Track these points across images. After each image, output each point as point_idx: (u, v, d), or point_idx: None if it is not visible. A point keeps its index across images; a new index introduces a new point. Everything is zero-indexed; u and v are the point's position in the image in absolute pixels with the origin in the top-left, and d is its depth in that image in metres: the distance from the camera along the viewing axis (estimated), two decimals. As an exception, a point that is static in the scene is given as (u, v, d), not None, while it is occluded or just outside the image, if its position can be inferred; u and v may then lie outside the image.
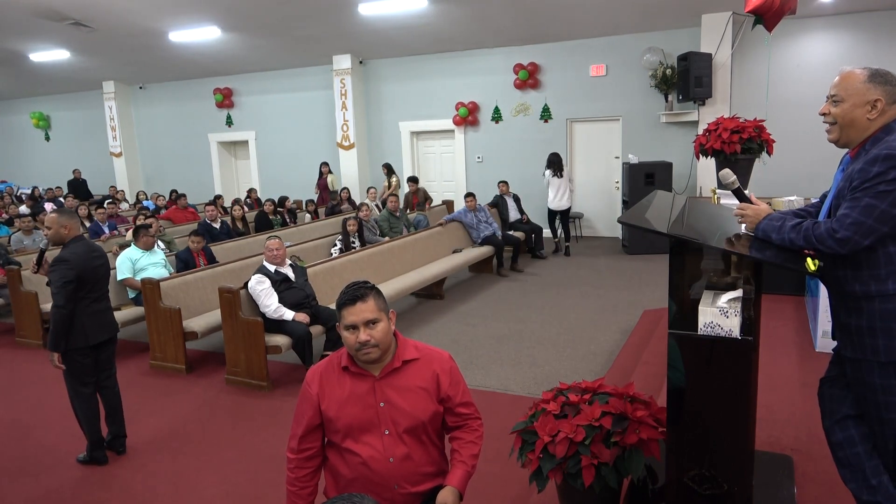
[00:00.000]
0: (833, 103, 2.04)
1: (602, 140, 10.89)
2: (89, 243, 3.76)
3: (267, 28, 10.43)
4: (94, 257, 3.71)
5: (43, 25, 10.02)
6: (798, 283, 5.63)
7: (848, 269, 2.01)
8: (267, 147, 13.72)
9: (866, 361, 2.01)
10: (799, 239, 1.99)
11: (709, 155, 5.20)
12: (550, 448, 2.41)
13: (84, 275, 3.59)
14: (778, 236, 2.05)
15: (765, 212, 2.13)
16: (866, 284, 1.97)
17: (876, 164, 1.88)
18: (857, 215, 1.89)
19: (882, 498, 2.09)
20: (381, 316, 2.03)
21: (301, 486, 2.13)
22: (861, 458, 2.13)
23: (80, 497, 3.49)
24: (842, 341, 2.11)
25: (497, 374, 4.95)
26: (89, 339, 3.67)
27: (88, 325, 3.66)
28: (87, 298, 3.65)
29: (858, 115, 1.98)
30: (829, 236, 1.92)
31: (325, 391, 2.09)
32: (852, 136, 2.03)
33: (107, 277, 3.88)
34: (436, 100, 11.79)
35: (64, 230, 3.66)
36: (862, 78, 1.98)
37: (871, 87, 1.96)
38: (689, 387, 2.19)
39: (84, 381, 3.74)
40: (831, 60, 9.18)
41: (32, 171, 16.77)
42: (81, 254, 3.61)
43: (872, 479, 2.10)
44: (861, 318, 2.00)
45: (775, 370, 4.05)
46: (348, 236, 7.60)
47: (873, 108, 1.96)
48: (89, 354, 3.73)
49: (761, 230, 2.10)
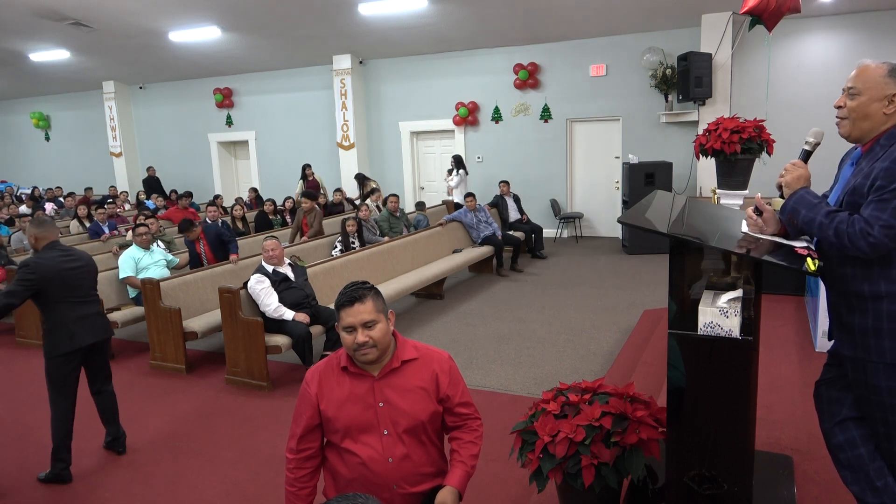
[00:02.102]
0: (850, 96, 2.00)
1: (602, 140, 10.88)
2: (64, 250, 3.69)
3: (267, 28, 10.43)
4: (67, 261, 3.63)
5: (43, 25, 10.02)
6: (798, 283, 5.63)
7: (856, 267, 1.96)
8: (267, 147, 13.72)
9: (871, 363, 1.96)
10: (829, 228, 1.90)
11: (709, 155, 5.18)
12: (550, 448, 2.40)
13: (50, 280, 3.54)
14: (808, 214, 1.95)
15: (805, 180, 2.04)
16: (876, 284, 1.92)
17: None
18: (888, 217, 1.82)
19: (888, 499, 2.06)
20: (380, 317, 2.02)
21: (300, 486, 2.13)
22: (864, 460, 2.09)
23: (80, 497, 3.49)
24: (841, 341, 2.07)
25: (497, 374, 4.95)
26: (74, 343, 3.61)
27: (73, 328, 3.61)
28: (65, 302, 3.59)
29: (875, 110, 1.95)
30: (861, 237, 1.83)
31: (324, 391, 2.09)
32: (865, 130, 1.99)
33: (89, 281, 3.77)
34: (436, 100, 11.79)
35: (32, 240, 3.67)
36: (882, 72, 1.94)
37: (891, 81, 1.93)
38: (689, 387, 2.18)
39: (62, 392, 3.64)
40: (831, 60, 9.18)
41: (32, 171, 16.77)
42: (49, 260, 3.57)
43: (877, 481, 2.07)
44: (866, 317, 1.95)
45: (775, 370, 4.05)
46: (348, 236, 7.60)
47: (890, 103, 1.93)
48: (74, 359, 3.66)
49: (794, 199, 2.01)
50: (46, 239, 3.65)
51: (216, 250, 6.98)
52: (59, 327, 3.59)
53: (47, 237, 3.65)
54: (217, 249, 7.00)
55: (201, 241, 6.94)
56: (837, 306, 2.07)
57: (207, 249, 6.96)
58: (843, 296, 2.04)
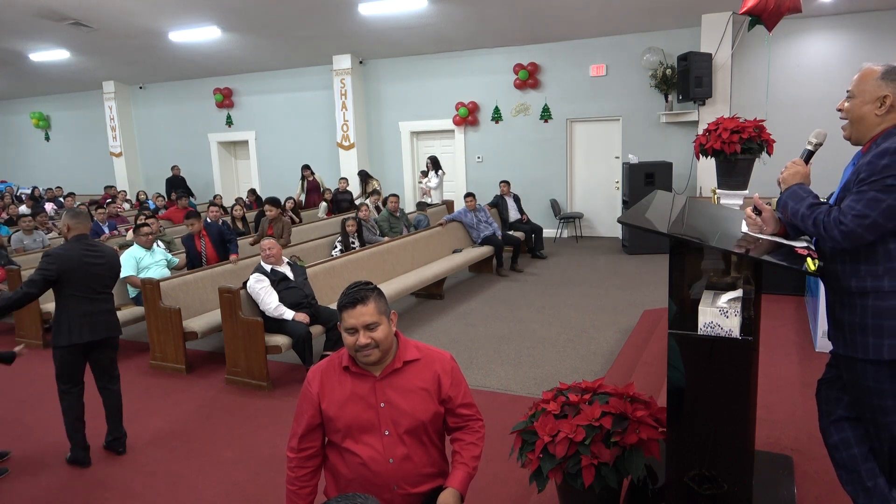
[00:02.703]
0: (847, 99, 2.04)
1: (602, 140, 10.89)
2: (90, 244, 3.78)
3: (267, 28, 10.43)
4: (90, 256, 3.72)
5: (43, 25, 10.02)
6: (798, 283, 5.63)
7: (846, 263, 2.00)
8: (267, 147, 13.72)
9: (858, 361, 2.00)
10: (809, 218, 1.97)
11: (709, 155, 5.19)
12: (550, 448, 2.40)
13: (69, 272, 3.62)
14: (795, 206, 2.02)
15: (801, 177, 2.09)
16: (862, 280, 1.96)
17: (885, 157, 1.87)
18: (862, 208, 1.87)
19: (877, 501, 2.08)
20: (381, 319, 2.02)
21: (301, 485, 2.13)
22: (857, 460, 2.12)
23: (80, 496, 3.49)
24: (835, 338, 2.09)
25: (497, 374, 4.95)
26: (72, 338, 3.66)
27: (74, 324, 3.66)
28: (74, 297, 3.65)
29: (867, 112, 1.98)
30: (834, 225, 1.90)
31: (325, 390, 2.09)
32: (862, 132, 2.02)
33: (105, 278, 3.82)
34: (436, 100, 11.79)
35: (65, 229, 3.79)
36: (876, 74, 1.98)
37: (883, 83, 1.96)
38: (689, 387, 2.18)
39: (66, 383, 3.75)
40: (831, 60, 9.18)
41: (32, 171, 16.77)
42: (73, 251, 3.66)
43: (868, 482, 2.10)
44: (854, 314, 1.98)
45: (775, 370, 4.05)
46: (348, 236, 7.60)
47: (882, 105, 1.96)
48: (75, 353, 3.71)
49: (787, 193, 2.07)
50: (77, 230, 3.76)
51: (218, 248, 7.00)
52: (63, 320, 3.68)
53: (79, 229, 3.77)
54: (219, 247, 7.01)
55: (203, 239, 6.93)
56: (832, 304, 2.11)
57: (210, 247, 6.96)
58: (835, 292, 2.07)
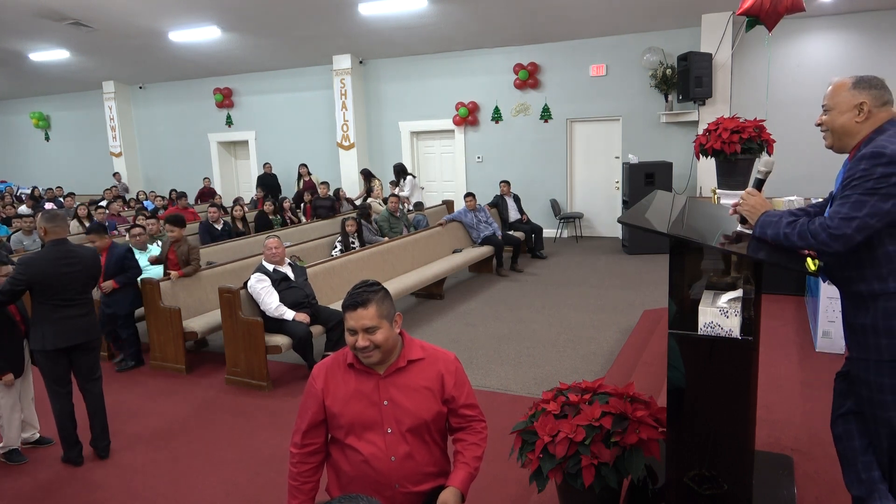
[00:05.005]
0: (824, 112, 2.12)
1: (602, 140, 10.88)
2: (67, 249, 3.68)
3: (267, 28, 10.43)
4: (64, 264, 3.63)
5: (43, 25, 10.02)
6: (798, 283, 5.63)
7: (853, 269, 2.06)
8: (267, 147, 13.72)
9: (865, 360, 2.05)
10: (793, 234, 2.02)
11: (709, 155, 5.19)
12: (550, 448, 2.41)
13: (42, 280, 3.55)
14: (773, 231, 2.08)
15: (762, 206, 2.16)
16: (870, 284, 2.01)
17: (863, 162, 1.94)
18: (847, 210, 1.94)
19: (866, 493, 2.14)
20: (381, 323, 2.01)
21: (303, 480, 2.13)
22: (856, 452, 2.19)
23: (79, 496, 3.49)
24: (849, 341, 2.15)
25: (497, 374, 4.95)
26: (46, 344, 3.62)
27: (50, 330, 3.62)
28: (48, 303, 3.61)
29: (846, 121, 2.06)
30: (822, 230, 1.96)
31: (329, 387, 2.09)
32: (846, 141, 2.10)
33: (80, 283, 3.73)
34: (436, 100, 11.79)
35: (41, 232, 3.72)
36: (847, 85, 2.06)
37: (856, 92, 2.04)
38: (689, 387, 2.19)
39: (52, 384, 3.75)
40: (831, 60, 9.18)
41: (32, 171, 16.77)
42: (47, 258, 3.60)
43: (863, 474, 2.16)
44: (867, 317, 2.04)
45: (775, 370, 4.05)
46: (348, 236, 7.60)
47: (860, 112, 2.03)
48: (54, 357, 3.68)
49: (758, 227, 2.14)
50: (55, 234, 3.68)
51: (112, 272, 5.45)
52: (38, 325, 3.65)
53: (56, 233, 3.69)
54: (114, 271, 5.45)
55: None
56: (846, 308, 2.16)
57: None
58: (848, 297, 2.13)
